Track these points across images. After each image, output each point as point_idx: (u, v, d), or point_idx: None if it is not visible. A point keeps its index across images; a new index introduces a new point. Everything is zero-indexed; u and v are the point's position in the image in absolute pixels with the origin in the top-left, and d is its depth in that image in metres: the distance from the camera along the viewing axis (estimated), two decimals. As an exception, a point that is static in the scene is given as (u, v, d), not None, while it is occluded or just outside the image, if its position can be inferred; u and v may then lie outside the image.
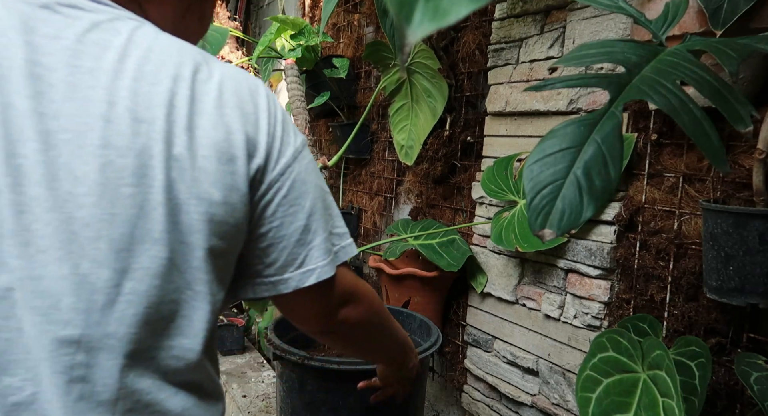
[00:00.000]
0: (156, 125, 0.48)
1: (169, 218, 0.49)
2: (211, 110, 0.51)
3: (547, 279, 1.32)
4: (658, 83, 0.61)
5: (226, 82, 0.53)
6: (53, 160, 0.46)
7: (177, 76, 0.50)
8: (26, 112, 0.46)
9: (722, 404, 1.00)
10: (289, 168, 0.57)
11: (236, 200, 0.53)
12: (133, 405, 0.50)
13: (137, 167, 0.47)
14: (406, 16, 0.28)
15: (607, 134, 0.59)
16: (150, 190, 0.48)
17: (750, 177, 0.89)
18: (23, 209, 0.45)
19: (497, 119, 1.46)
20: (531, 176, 0.60)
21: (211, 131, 0.51)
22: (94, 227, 0.46)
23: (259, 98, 0.56)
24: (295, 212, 0.58)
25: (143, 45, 0.50)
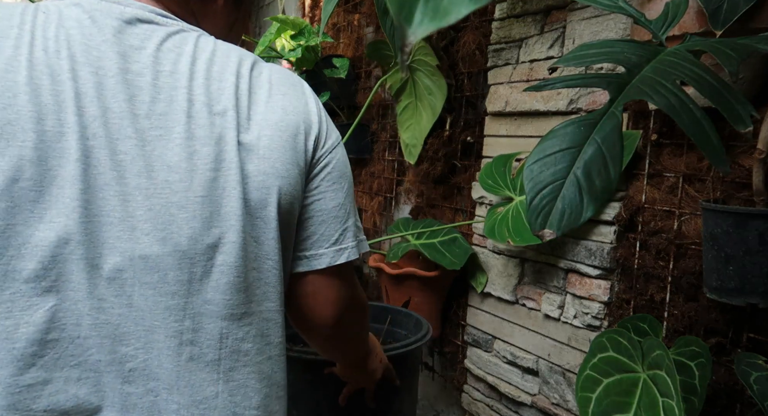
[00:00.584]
0: (227, 115, 0.56)
1: (245, 195, 0.57)
2: (265, 99, 0.60)
3: (547, 279, 1.32)
4: (658, 83, 0.61)
5: (274, 75, 0.63)
6: (149, 154, 0.53)
7: (238, 74, 0.59)
8: (123, 113, 0.53)
9: (722, 404, 1.00)
10: (335, 149, 0.66)
11: (296, 172, 0.61)
12: (234, 364, 0.58)
13: (216, 153, 0.55)
14: (406, 16, 0.28)
15: (607, 134, 0.59)
16: (228, 172, 0.55)
17: (750, 177, 0.89)
18: (127, 198, 0.52)
19: (497, 119, 1.46)
20: (531, 176, 0.61)
21: (268, 115, 0.59)
22: (189, 209, 0.54)
23: (305, 87, 0.66)
24: (336, 190, 0.66)
25: (208, 50, 0.59)
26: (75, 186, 0.51)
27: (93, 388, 0.52)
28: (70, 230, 0.50)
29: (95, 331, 0.52)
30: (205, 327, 0.56)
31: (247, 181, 0.57)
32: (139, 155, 0.53)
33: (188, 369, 0.55)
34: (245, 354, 0.58)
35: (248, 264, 0.57)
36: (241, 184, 0.56)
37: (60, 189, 0.50)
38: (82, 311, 0.51)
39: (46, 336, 0.50)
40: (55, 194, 0.50)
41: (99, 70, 0.53)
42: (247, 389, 0.59)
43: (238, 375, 0.58)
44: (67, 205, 0.50)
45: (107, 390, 0.53)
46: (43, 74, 0.51)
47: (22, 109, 0.50)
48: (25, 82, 0.50)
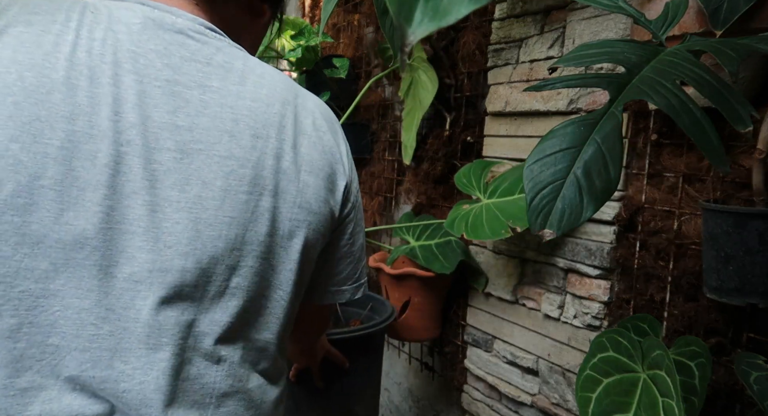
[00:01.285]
0: (269, 141, 0.56)
1: (274, 224, 0.56)
2: (310, 132, 0.60)
3: (547, 279, 1.32)
4: (658, 83, 0.61)
5: (317, 109, 0.63)
6: (186, 167, 0.52)
7: (285, 101, 0.59)
8: (164, 124, 0.52)
9: (722, 404, 1.00)
10: (358, 192, 0.67)
11: (328, 212, 0.61)
12: (228, 390, 0.57)
13: (253, 176, 0.55)
14: (406, 16, 0.28)
15: (607, 134, 0.59)
16: (261, 197, 0.55)
17: (750, 177, 0.89)
18: (155, 209, 0.51)
19: (497, 119, 1.46)
20: (531, 176, 0.61)
21: (310, 149, 0.59)
22: (216, 228, 0.53)
23: (337, 126, 0.66)
24: (359, 232, 0.68)
25: (257, 71, 0.59)
26: (99, 191, 0.49)
27: (87, 400, 0.50)
28: (88, 234, 0.49)
29: (96, 343, 0.50)
30: (205, 348, 0.54)
31: (280, 209, 0.57)
32: (176, 167, 0.52)
33: (183, 389, 0.53)
34: (239, 379, 0.58)
35: (259, 291, 0.57)
36: (272, 211, 0.56)
37: (81, 191, 0.49)
38: (86, 320, 0.49)
39: (47, 340, 0.49)
40: (75, 196, 0.48)
41: (144, 79, 0.52)
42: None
43: (230, 401, 0.57)
44: (87, 208, 0.49)
45: (100, 406, 0.51)
46: (81, 75, 0.50)
47: (54, 106, 0.48)
48: (62, 81, 0.49)
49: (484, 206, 1.36)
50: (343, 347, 1.32)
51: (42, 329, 0.49)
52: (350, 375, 1.33)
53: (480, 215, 1.33)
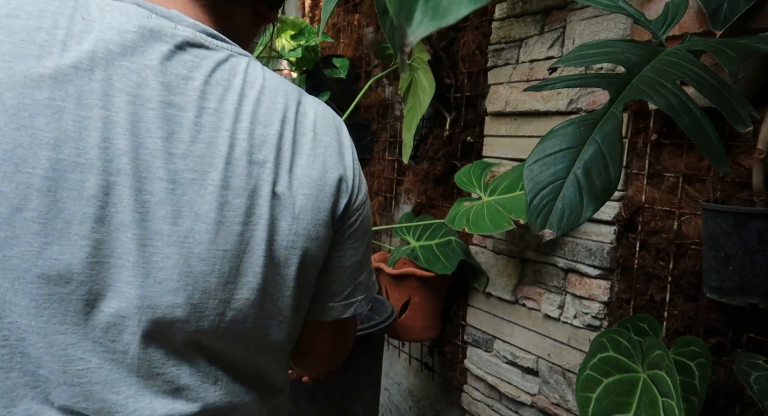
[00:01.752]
0: (266, 167, 0.52)
1: (269, 253, 0.53)
2: (308, 150, 0.56)
3: (547, 279, 1.32)
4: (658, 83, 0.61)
5: (318, 121, 0.58)
6: (179, 198, 0.48)
7: (284, 119, 0.55)
8: (157, 152, 0.48)
9: (722, 404, 1.00)
10: (364, 205, 0.62)
11: (325, 234, 0.57)
12: (226, 406, 0.55)
13: (248, 206, 0.51)
14: (406, 16, 0.28)
15: (607, 134, 0.59)
16: (256, 228, 0.51)
17: (750, 177, 0.89)
18: (146, 243, 0.48)
19: (497, 119, 1.46)
20: (531, 176, 0.61)
21: (309, 170, 0.55)
22: (209, 262, 0.50)
23: (343, 136, 0.61)
24: (357, 247, 0.63)
25: (256, 85, 0.54)
26: (86, 224, 0.46)
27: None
28: (74, 268, 0.46)
29: (86, 377, 0.48)
30: (201, 371, 0.53)
31: (275, 238, 0.53)
32: (168, 198, 0.48)
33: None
34: (236, 395, 0.56)
35: (257, 320, 0.54)
36: (268, 241, 0.52)
37: (67, 224, 0.45)
38: (74, 355, 0.47)
39: (38, 370, 0.47)
40: (59, 229, 0.45)
41: (137, 100, 0.47)
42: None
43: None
44: (73, 242, 0.45)
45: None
46: (68, 96, 0.45)
47: (38, 132, 0.44)
48: (46, 103, 0.44)
49: (485, 202, 1.36)
50: (343, 347, 1.32)
51: (32, 360, 0.47)
52: (350, 375, 1.33)
53: (481, 211, 1.34)
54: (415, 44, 0.28)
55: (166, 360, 0.50)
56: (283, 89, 0.56)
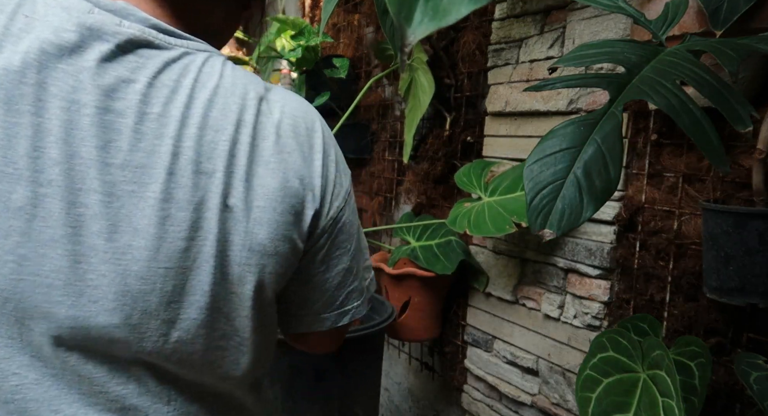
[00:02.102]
0: (215, 177, 0.47)
1: (221, 270, 0.48)
2: (268, 156, 0.50)
3: (547, 279, 1.32)
4: (658, 83, 0.61)
5: (285, 121, 0.52)
6: (116, 211, 0.45)
7: (239, 122, 0.49)
8: (92, 162, 0.44)
9: (722, 404, 1.00)
10: (341, 212, 0.57)
11: (288, 249, 0.52)
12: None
13: (194, 220, 0.47)
14: (406, 16, 0.28)
15: (607, 134, 0.59)
16: (204, 243, 0.47)
17: (750, 177, 0.89)
18: (79, 260, 0.44)
19: (497, 119, 1.46)
20: (531, 176, 0.61)
21: (268, 180, 0.50)
22: (149, 281, 0.46)
23: (315, 138, 0.55)
24: (341, 256, 0.59)
25: (210, 85, 0.49)
26: (11, 238, 0.42)
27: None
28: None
29: (20, 394, 0.45)
30: (151, 391, 0.49)
31: (227, 254, 0.48)
32: (103, 212, 0.44)
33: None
34: (194, 414, 0.52)
35: (209, 341, 0.50)
36: (217, 257, 0.48)
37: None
38: (8, 369, 0.45)
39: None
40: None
41: (72, 106, 0.44)
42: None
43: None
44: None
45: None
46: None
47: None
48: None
49: (485, 203, 1.36)
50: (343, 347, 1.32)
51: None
52: (350, 375, 1.34)
53: (482, 212, 1.33)
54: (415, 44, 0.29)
55: (110, 378, 0.47)
56: (242, 87, 0.51)
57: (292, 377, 1.32)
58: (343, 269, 0.60)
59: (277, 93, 0.54)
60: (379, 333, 1.43)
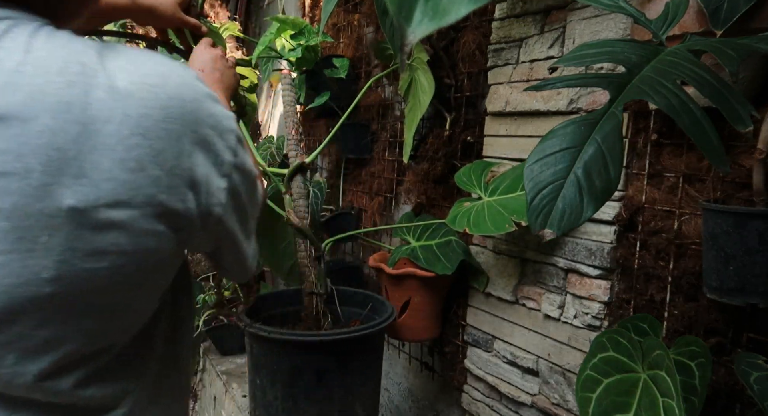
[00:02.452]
0: (31, 177, 0.38)
1: (60, 282, 0.41)
2: (113, 143, 0.40)
3: (547, 279, 1.32)
4: (658, 83, 0.61)
5: (132, 96, 0.41)
6: None
7: (59, 106, 0.38)
8: None
9: (722, 404, 1.00)
10: (216, 209, 0.49)
11: (152, 245, 0.44)
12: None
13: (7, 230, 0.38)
14: (406, 16, 0.28)
15: (607, 134, 0.59)
16: (31, 254, 0.39)
17: (750, 177, 0.89)
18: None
19: (497, 119, 1.46)
20: (531, 176, 0.61)
21: (113, 172, 0.40)
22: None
23: (184, 113, 0.43)
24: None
25: (8, 64, 0.38)
26: None
27: None
28: None
29: None
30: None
31: (66, 263, 0.41)
32: None
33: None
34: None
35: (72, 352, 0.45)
36: (55, 268, 0.41)
37: None
38: None
39: None
40: None
41: None
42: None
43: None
44: None
45: None
46: None
47: None
48: None
49: (485, 203, 1.37)
50: (343, 347, 1.32)
51: None
52: (350, 375, 1.34)
53: (482, 212, 1.34)
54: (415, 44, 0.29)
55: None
56: (60, 61, 0.40)
57: (292, 377, 1.31)
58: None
59: (120, 57, 0.42)
60: (379, 333, 1.43)
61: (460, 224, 1.35)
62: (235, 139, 0.50)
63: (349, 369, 1.32)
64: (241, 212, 0.55)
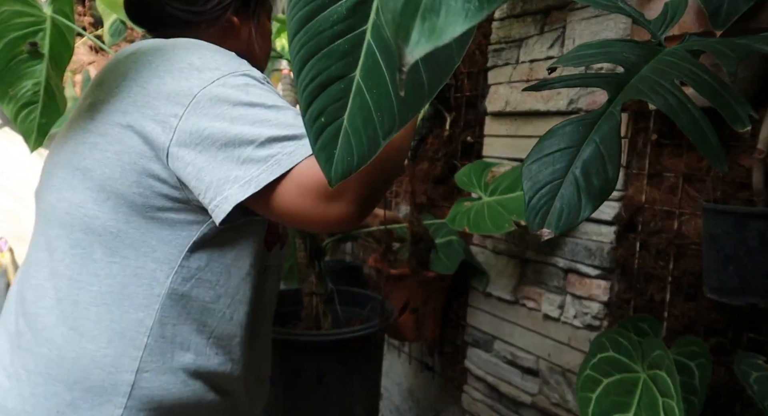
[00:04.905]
0: None
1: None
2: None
3: (547, 279, 1.32)
4: (656, 83, 0.61)
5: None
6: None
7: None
8: None
9: (722, 404, 1.00)
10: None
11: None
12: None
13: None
14: (404, 37, 0.28)
15: (605, 134, 0.59)
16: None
17: (750, 177, 0.89)
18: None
19: (497, 119, 1.46)
20: (530, 176, 0.61)
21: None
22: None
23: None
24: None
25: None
26: None
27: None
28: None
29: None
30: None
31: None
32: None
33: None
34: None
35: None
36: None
37: None
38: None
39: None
40: None
41: None
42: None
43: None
44: None
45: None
46: None
47: None
48: None
49: (485, 203, 1.37)
50: (343, 347, 1.32)
51: None
52: (350, 375, 1.34)
53: (482, 211, 1.34)
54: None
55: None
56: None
57: (292, 377, 1.31)
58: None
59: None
60: (379, 332, 1.43)
61: (460, 223, 1.35)
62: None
63: (349, 369, 1.32)
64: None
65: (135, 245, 0.70)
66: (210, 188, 0.64)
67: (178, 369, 0.73)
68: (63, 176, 0.72)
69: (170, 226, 0.71)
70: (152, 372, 0.70)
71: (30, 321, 0.71)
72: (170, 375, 0.72)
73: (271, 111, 0.67)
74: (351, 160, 0.47)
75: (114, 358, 0.69)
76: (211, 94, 0.66)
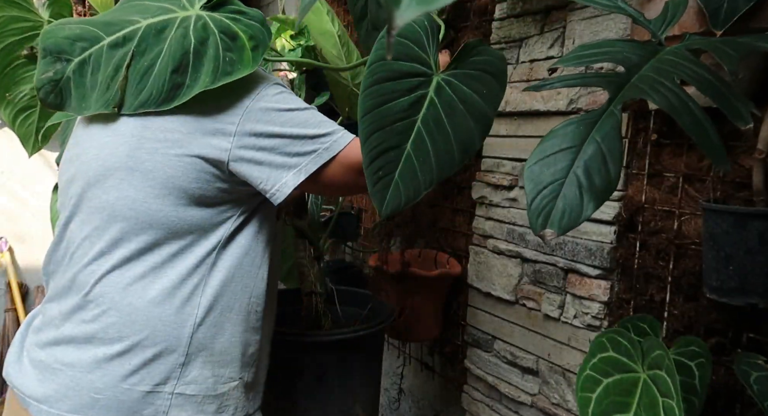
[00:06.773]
0: None
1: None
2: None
3: (547, 279, 1.32)
4: (657, 82, 0.61)
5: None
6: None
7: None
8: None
9: (722, 404, 1.00)
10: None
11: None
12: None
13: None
14: (396, 1, 0.28)
15: (606, 133, 0.59)
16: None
17: (750, 177, 0.89)
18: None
19: (497, 119, 1.46)
20: (531, 177, 0.60)
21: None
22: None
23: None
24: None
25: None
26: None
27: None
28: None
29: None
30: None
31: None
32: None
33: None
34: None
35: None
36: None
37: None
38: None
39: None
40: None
41: None
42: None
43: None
44: None
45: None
46: None
47: None
48: None
49: None
50: (343, 347, 1.32)
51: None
52: (350, 375, 1.33)
53: None
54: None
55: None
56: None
57: (292, 376, 1.31)
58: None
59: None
60: (379, 333, 1.43)
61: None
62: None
63: (349, 369, 1.32)
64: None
65: (191, 229, 0.87)
66: (270, 178, 0.86)
67: (225, 323, 0.92)
68: (121, 178, 0.86)
69: (219, 212, 0.89)
70: (205, 326, 0.89)
71: (97, 298, 0.86)
72: (223, 326, 0.92)
73: (304, 113, 0.89)
74: (399, 202, 0.72)
75: (176, 317, 0.86)
76: (259, 105, 0.86)
